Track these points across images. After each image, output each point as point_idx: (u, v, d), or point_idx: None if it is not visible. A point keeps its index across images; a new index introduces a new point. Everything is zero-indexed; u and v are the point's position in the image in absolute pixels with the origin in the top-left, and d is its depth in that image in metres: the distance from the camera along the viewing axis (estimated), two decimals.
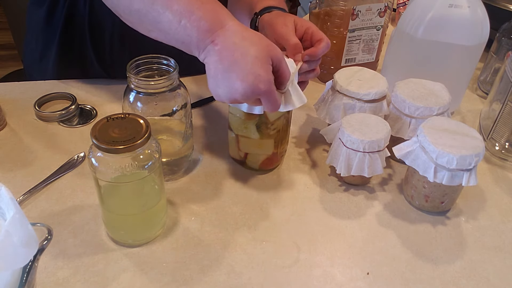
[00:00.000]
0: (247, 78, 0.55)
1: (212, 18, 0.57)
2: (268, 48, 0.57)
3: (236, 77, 0.55)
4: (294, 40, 0.66)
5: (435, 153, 0.62)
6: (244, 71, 0.55)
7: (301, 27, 0.69)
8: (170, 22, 0.58)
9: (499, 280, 0.60)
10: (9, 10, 2.08)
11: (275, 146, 0.71)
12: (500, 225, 0.68)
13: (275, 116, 0.67)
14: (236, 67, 0.55)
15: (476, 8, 0.78)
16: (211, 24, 0.57)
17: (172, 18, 0.57)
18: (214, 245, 0.62)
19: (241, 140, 0.71)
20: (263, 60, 0.56)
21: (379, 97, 0.74)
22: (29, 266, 0.55)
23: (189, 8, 0.57)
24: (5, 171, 0.71)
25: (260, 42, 0.57)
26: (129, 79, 0.62)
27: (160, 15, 0.58)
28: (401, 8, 1.22)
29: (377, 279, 0.59)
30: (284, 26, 0.67)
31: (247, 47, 0.56)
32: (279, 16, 0.71)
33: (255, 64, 0.55)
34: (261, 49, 0.56)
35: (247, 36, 0.57)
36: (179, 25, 0.57)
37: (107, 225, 0.62)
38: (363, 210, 0.69)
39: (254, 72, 0.55)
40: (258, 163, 0.73)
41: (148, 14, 0.59)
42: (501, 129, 0.79)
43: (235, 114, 0.69)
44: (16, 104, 0.84)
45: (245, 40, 0.56)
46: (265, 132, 0.69)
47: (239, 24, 0.58)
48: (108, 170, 0.55)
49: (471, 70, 0.86)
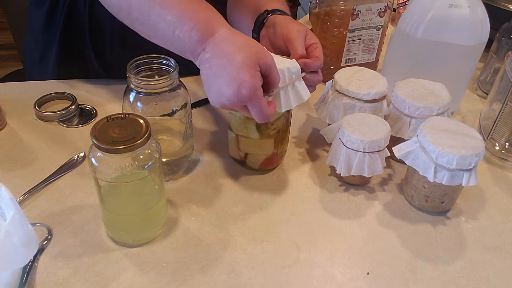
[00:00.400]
0: (232, 84, 0.55)
1: (203, 28, 0.58)
2: (257, 54, 0.57)
3: (223, 82, 0.56)
4: (302, 50, 0.66)
5: (435, 153, 0.62)
6: (231, 76, 0.56)
7: (309, 39, 0.69)
8: (165, 31, 0.60)
9: (499, 280, 0.60)
10: (9, 10, 2.08)
11: (275, 146, 0.71)
12: (500, 225, 0.68)
13: (275, 116, 0.67)
14: (223, 73, 0.56)
15: (476, 8, 0.78)
16: (202, 33, 0.58)
17: (166, 28, 0.59)
18: (214, 245, 0.62)
19: (241, 140, 0.71)
20: (250, 66, 0.56)
21: (379, 97, 0.74)
22: (29, 266, 0.55)
23: (182, 19, 0.59)
24: (5, 171, 0.71)
25: (249, 48, 0.57)
26: (129, 79, 0.62)
27: (156, 24, 0.60)
28: (401, 8, 1.22)
29: (377, 279, 0.59)
30: (297, 33, 0.67)
31: (235, 53, 0.56)
32: (293, 21, 0.71)
33: (241, 69, 0.55)
34: (249, 55, 0.56)
35: (236, 42, 0.58)
36: (174, 35, 0.59)
37: (107, 225, 0.62)
38: (363, 210, 0.69)
39: (239, 78, 0.55)
40: (258, 163, 0.73)
41: (146, 22, 0.61)
42: (501, 129, 0.79)
43: (235, 114, 0.69)
44: (16, 104, 0.84)
45: (233, 46, 0.57)
46: (265, 132, 0.69)
47: (230, 30, 0.59)
48: (108, 170, 0.55)
49: (471, 70, 0.86)
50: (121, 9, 0.64)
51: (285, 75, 0.63)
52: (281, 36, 0.69)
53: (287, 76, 0.63)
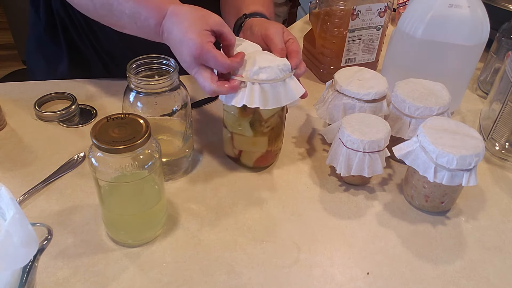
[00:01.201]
0: (183, 46, 0.61)
1: (155, 13, 0.64)
2: (203, 17, 0.62)
3: (179, 50, 0.62)
4: (282, 45, 0.68)
5: (435, 153, 0.62)
6: (181, 41, 0.61)
7: (286, 36, 0.71)
8: (129, 23, 0.66)
9: (499, 280, 0.60)
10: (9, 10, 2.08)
11: (269, 144, 0.71)
12: (500, 225, 0.68)
13: (269, 113, 0.67)
14: (177, 43, 0.62)
15: (476, 8, 0.78)
16: (156, 19, 0.64)
17: (129, 20, 0.66)
18: (214, 245, 0.62)
19: (235, 137, 0.72)
20: (195, 27, 0.61)
21: (379, 97, 0.74)
22: (29, 266, 0.55)
23: (137, 10, 0.65)
24: (5, 171, 0.71)
25: (193, 15, 0.62)
26: (129, 79, 0.62)
27: (120, 19, 0.67)
28: (401, 8, 1.22)
29: (377, 279, 0.59)
30: (275, 30, 0.69)
31: (181, 22, 0.62)
32: (270, 21, 0.73)
33: (187, 32, 0.60)
34: (194, 20, 0.61)
35: (182, 13, 0.63)
36: (136, 26, 0.66)
37: (107, 225, 0.62)
38: (363, 210, 0.69)
39: (186, 39, 0.60)
40: (252, 160, 0.73)
41: (112, 18, 0.68)
42: (501, 129, 0.79)
43: (229, 111, 0.69)
44: (16, 104, 0.84)
45: (179, 17, 0.63)
46: (259, 129, 0.69)
47: (176, 6, 0.64)
48: (108, 170, 0.55)
49: (471, 70, 0.86)
50: (88, 9, 0.71)
51: (274, 71, 0.63)
52: (259, 35, 0.70)
53: (276, 73, 0.63)
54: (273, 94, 0.63)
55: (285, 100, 0.64)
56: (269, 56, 0.65)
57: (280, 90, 0.64)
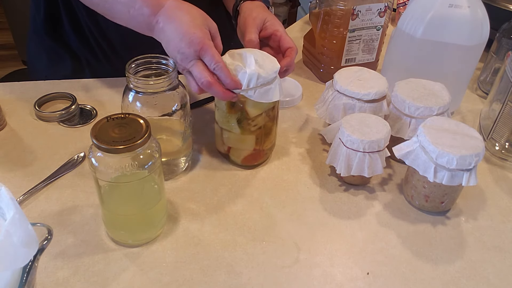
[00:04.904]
0: (185, 38, 0.61)
1: (152, 3, 0.64)
2: (203, 16, 0.63)
3: (177, 41, 0.61)
4: (249, 36, 0.69)
5: (435, 153, 0.62)
6: (183, 33, 0.61)
7: (270, 26, 0.71)
8: (122, 12, 0.66)
9: (499, 280, 0.60)
10: (9, 10, 2.08)
11: (257, 143, 0.71)
12: (500, 225, 0.68)
13: (255, 112, 0.67)
14: (176, 34, 0.62)
15: (476, 8, 0.78)
16: (151, 9, 0.64)
17: (122, 8, 0.65)
18: (214, 245, 0.62)
19: (224, 133, 0.72)
20: (198, 23, 0.62)
21: (379, 97, 0.74)
22: (29, 266, 0.55)
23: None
24: (5, 171, 0.71)
25: (195, 13, 0.63)
26: (128, 79, 0.62)
27: (113, 6, 0.67)
28: (401, 8, 1.22)
29: (377, 279, 0.59)
30: (252, 20, 0.70)
31: (183, 16, 0.62)
32: (257, 8, 0.74)
33: (190, 26, 0.61)
34: (196, 17, 0.62)
35: (183, 8, 0.63)
36: (129, 15, 0.65)
37: (107, 225, 0.62)
38: (363, 210, 0.69)
39: (190, 31, 0.61)
40: (240, 158, 0.73)
41: (105, 6, 0.68)
42: (501, 129, 0.79)
43: (219, 107, 0.70)
44: (16, 104, 0.84)
45: (181, 11, 0.63)
46: (246, 128, 0.69)
47: (176, 1, 0.64)
48: (108, 170, 0.55)
49: (471, 70, 0.86)
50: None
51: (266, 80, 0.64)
52: (243, 23, 0.71)
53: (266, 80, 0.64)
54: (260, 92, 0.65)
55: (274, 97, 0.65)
56: (262, 55, 0.66)
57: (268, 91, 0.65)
